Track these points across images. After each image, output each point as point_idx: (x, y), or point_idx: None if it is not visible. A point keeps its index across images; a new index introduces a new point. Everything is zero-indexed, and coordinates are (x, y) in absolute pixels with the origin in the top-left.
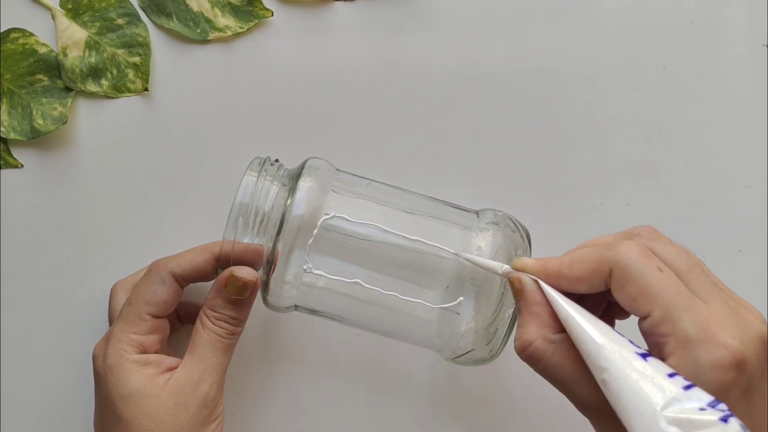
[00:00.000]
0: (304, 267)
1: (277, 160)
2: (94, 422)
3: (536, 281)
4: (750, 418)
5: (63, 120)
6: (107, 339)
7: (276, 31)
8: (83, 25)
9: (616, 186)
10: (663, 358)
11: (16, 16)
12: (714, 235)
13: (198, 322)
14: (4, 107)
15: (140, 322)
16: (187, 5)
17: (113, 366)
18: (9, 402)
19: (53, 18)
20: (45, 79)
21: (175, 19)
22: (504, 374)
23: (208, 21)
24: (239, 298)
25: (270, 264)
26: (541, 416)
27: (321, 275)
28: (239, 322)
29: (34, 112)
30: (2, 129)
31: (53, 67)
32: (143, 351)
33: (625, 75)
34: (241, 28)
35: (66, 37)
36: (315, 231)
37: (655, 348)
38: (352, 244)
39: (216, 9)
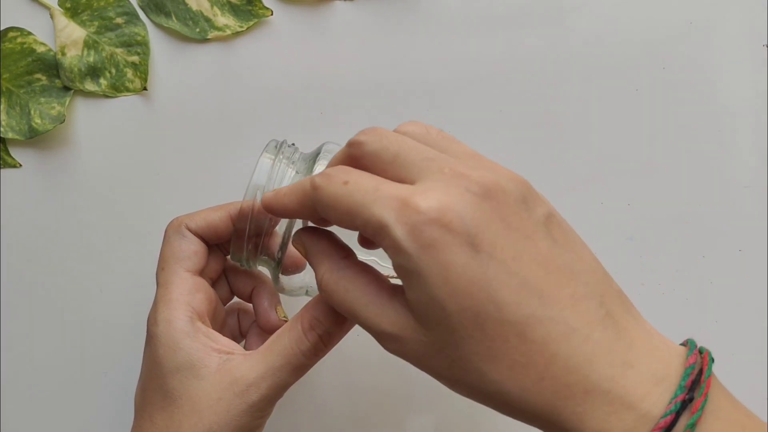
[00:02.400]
0: None
1: (293, 144)
2: (136, 393)
3: (311, 228)
4: (508, 275)
5: (61, 119)
6: (155, 305)
7: (276, 31)
8: (82, 24)
9: (616, 186)
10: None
11: (15, 15)
12: (714, 235)
13: (286, 327)
14: (2, 107)
15: (180, 281)
16: (186, 4)
17: (162, 334)
18: (8, 402)
19: (51, 17)
20: (43, 78)
21: (174, 18)
22: None
23: (208, 20)
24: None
25: (285, 243)
26: None
27: None
28: (331, 342)
29: (33, 112)
30: (0, 128)
31: (51, 66)
32: (194, 314)
33: (625, 75)
34: (241, 27)
35: (64, 36)
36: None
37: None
38: None
39: (215, 8)
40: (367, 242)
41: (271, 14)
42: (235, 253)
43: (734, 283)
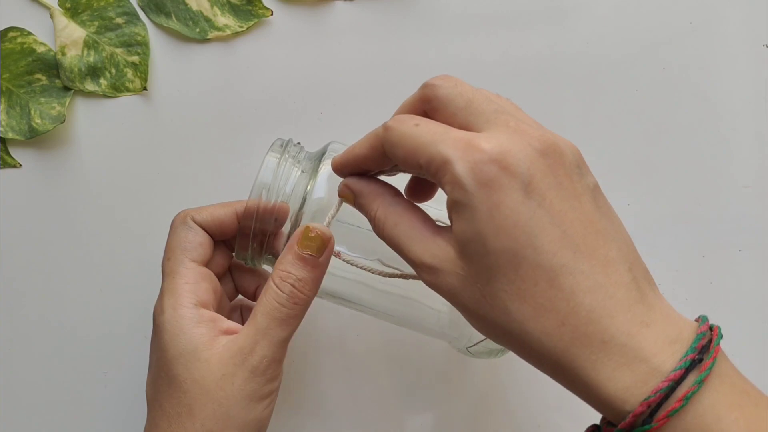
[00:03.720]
0: None
1: (299, 143)
2: (147, 386)
3: (357, 175)
4: (551, 225)
5: (61, 119)
6: (161, 294)
7: (275, 31)
8: (82, 24)
9: (616, 186)
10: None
11: (15, 15)
12: (714, 235)
13: (264, 288)
14: (2, 107)
15: (185, 270)
16: (186, 4)
17: (167, 321)
18: (8, 402)
19: (52, 17)
20: (43, 78)
21: (174, 18)
22: (504, 375)
23: (208, 20)
24: (312, 255)
25: None
26: (541, 416)
27: (341, 251)
28: (306, 287)
29: (33, 112)
30: (0, 128)
31: (52, 66)
32: (198, 302)
33: (625, 75)
34: (241, 27)
35: (64, 36)
36: (334, 210)
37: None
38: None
39: (215, 8)
40: (416, 191)
41: (271, 14)
42: (240, 251)
43: (734, 283)
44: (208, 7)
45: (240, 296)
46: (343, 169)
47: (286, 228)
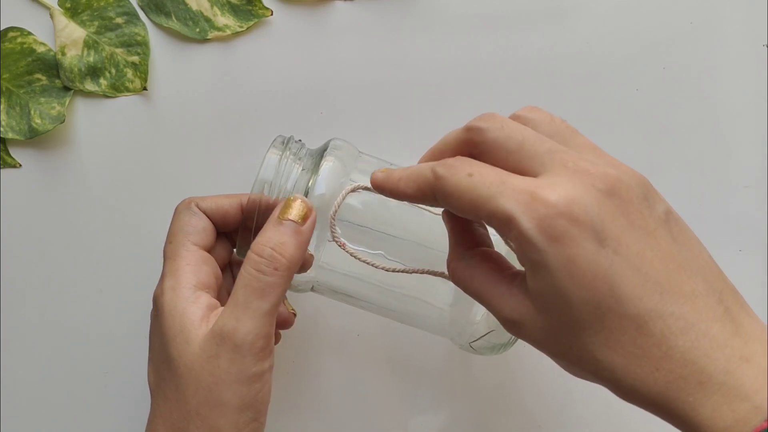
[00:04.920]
0: (329, 238)
1: (300, 140)
2: (148, 373)
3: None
4: (631, 270)
5: (61, 119)
6: (162, 277)
7: (276, 31)
8: (82, 24)
9: None
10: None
11: (14, 14)
12: (714, 235)
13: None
14: (2, 107)
15: (186, 252)
16: (186, 4)
17: (166, 303)
18: (8, 403)
19: (51, 17)
20: (43, 78)
21: (174, 18)
22: (505, 375)
23: (208, 20)
24: (293, 221)
25: None
26: (541, 416)
27: (345, 246)
28: (287, 250)
29: (32, 112)
30: (0, 128)
31: (51, 66)
32: (198, 283)
33: (625, 75)
34: (241, 27)
35: (64, 36)
36: (340, 199)
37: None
38: (373, 221)
39: (215, 8)
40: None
41: (271, 14)
42: (242, 247)
43: (734, 283)
44: (208, 7)
45: None
46: (381, 192)
47: None
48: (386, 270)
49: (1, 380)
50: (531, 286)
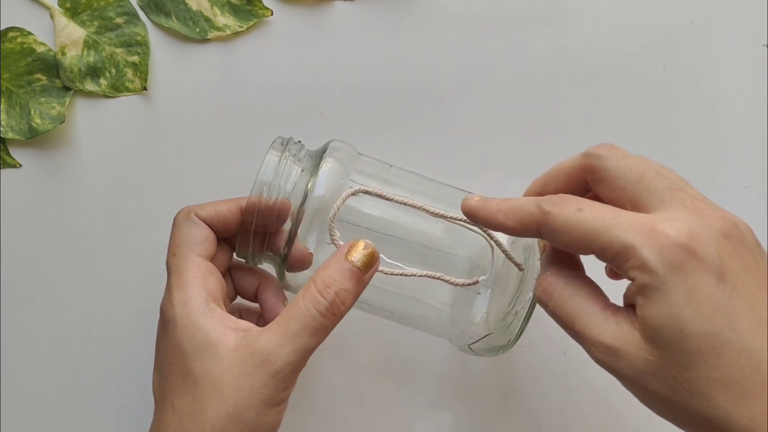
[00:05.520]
0: (328, 240)
1: (299, 141)
2: (153, 383)
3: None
4: (747, 308)
5: (61, 119)
6: (169, 290)
7: (275, 31)
8: (82, 24)
9: None
10: (631, 280)
11: (15, 14)
12: None
13: (299, 293)
14: (2, 107)
15: (192, 265)
16: (186, 4)
17: (179, 316)
18: (8, 403)
19: (51, 17)
20: (43, 78)
21: (174, 18)
22: (505, 375)
23: (208, 20)
24: (359, 268)
25: (291, 239)
26: (541, 416)
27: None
28: (347, 300)
29: (32, 112)
30: (0, 128)
31: (51, 66)
32: (208, 296)
33: (625, 75)
34: (241, 27)
35: (64, 36)
36: (340, 202)
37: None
38: (372, 222)
39: (215, 8)
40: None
41: (271, 14)
42: (241, 249)
43: None
44: (208, 7)
45: (238, 299)
46: (475, 220)
47: (287, 226)
48: (385, 273)
49: (1, 380)
50: (645, 315)
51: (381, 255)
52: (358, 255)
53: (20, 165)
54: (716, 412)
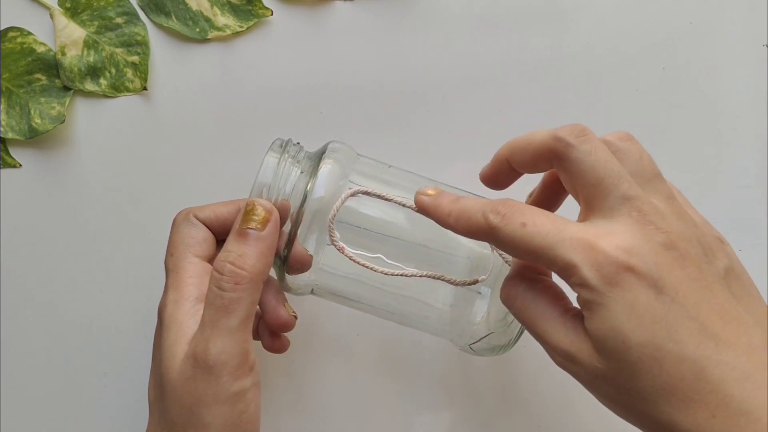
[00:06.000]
0: (327, 242)
1: (298, 143)
2: (149, 387)
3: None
4: (688, 318)
5: (61, 119)
6: (165, 290)
7: (275, 31)
8: (82, 24)
9: None
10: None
11: (15, 14)
12: None
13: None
14: (2, 107)
15: (189, 265)
16: (186, 4)
17: (168, 316)
18: (8, 403)
19: (51, 17)
20: (43, 78)
21: (174, 18)
22: (504, 375)
23: (208, 20)
24: (253, 228)
25: (291, 241)
26: (541, 416)
27: (344, 250)
28: (247, 261)
29: (32, 112)
30: (0, 128)
31: (51, 66)
32: (201, 296)
33: (625, 75)
34: (241, 27)
35: (64, 36)
36: (339, 203)
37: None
38: (372, 223)
39: (215, 8)
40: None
41: (271, 14)
42: None
43: None
44: (208, 7)
45: None
46: (426, 215)
47: (286, 227)
48: (385, 274)
49: (1, 380)
50: (590, 327)
51: (380, 256)
52: (247, 221)
53: (20, 165)
54: (662, 417)
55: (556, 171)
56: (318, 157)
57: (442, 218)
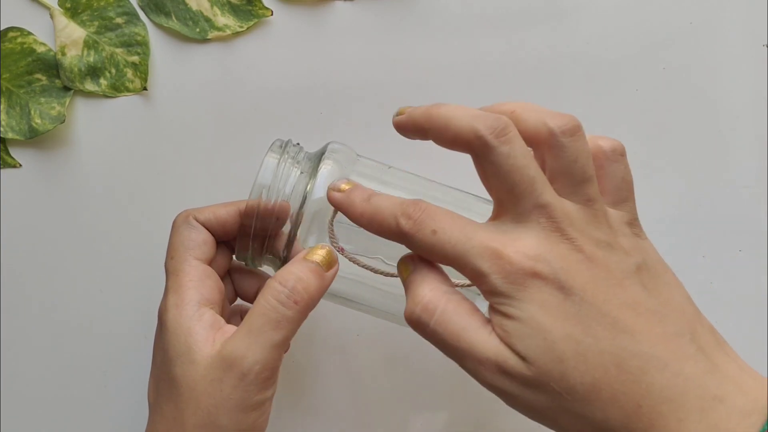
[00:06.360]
0: (327, 243)
1: (298, 143)
2: (149, 388)
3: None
4: (600, 314)
5: (61, 119)
6: (165, 293)
7: (276, 31)
8: (82, 24)
9: None
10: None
11: (15, 15)
12: (714, 235)
13: (261, 290)
14: (2, 107)
15: (190, 268)
16: (186, 4)
17: (170, 320)
18: (8, 403)
19: (51, 17)
20: (43, 78)
21: (174, 18)
22: None
23: (208, 20)
24: (318, 264)
25: (290, 241)
26: None
27: (344, 251)
28: (309, 288)
29: (33, 112)
30: (0, 128)
31: (51, 66)
32: (203, 300)
33: (625, 75)
34: (241, 27)
35: (64, 36)
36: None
37: None
38: None
39: (215, 8)
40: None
41: (271, 14)
42: (241, 252)
43: (734, 283)
44: (208, 7)
45: (239, 301)
46: (339, 210)
47: (286, 228)
48: (385, 275)
49: (1, 380)
50: (511, 332)
51: (380, 256)
52: (316, 255)
53: (20, 165)
54: (597, 415)
55: (473, 161)
56: (318, 157)
57: (355, 217)
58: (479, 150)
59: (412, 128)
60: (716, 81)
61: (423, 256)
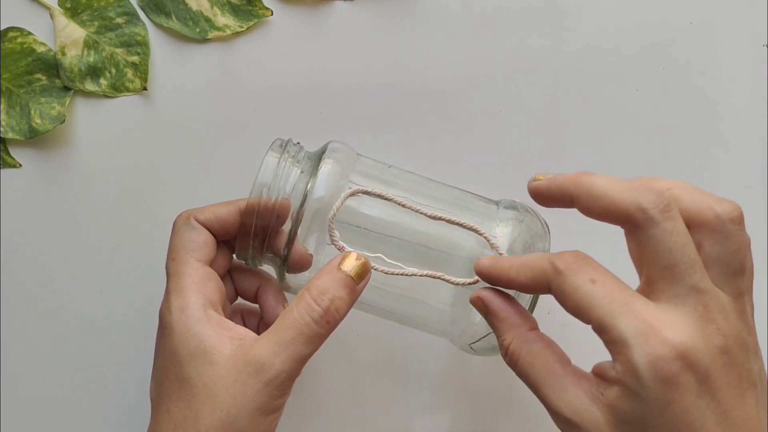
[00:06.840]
0: (327, 241)
1: (298, 142)
2: (151, 388)
3: (495, 289)
4: (716, 424)
5: (61, 119)
6: (167, 295)
7: (276, 31)
8: (82, 24)
9: None
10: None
11: (15, 15)
12: None
13: (293, 301)
14: (2, 107)
15: (191, 270)
16: (186, 4)
17: (176, 322)
18: (8, 402)
19: (51, 17)
20: (43, 78)
21: (174, 18)
22: (504, 375)
23: (208, 20)
24: (352, 278)
25: (291, 240)
26: (541, 416)
27: (344, 248)
28: (341, 308)
29: (33, 112)
30: (0, 128)
31: (51, 66)
32: (206, 302)
33: (625, 75)
34: (241, 27)
35: (64, 36)
36: (339, 203)
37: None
38: (372, 223)
39: (215, 8)
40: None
41: (271, 14)
42: (241, 251)
43: None
44: (208, 7)
45: (239, 300)
46: (488, 279)
47: (286, 227)
48: (386, 273)
49: (1, 380)
50: (616, 405)
51: (381, 255)
52: (350, 265)
53: (20, 165)
54: None
55: (626, 235)
56: (318, 157)
57: (503, 273)
58: (642, 223)
59: (556, 194)
60: (716, 81)
61: (563, 301)
